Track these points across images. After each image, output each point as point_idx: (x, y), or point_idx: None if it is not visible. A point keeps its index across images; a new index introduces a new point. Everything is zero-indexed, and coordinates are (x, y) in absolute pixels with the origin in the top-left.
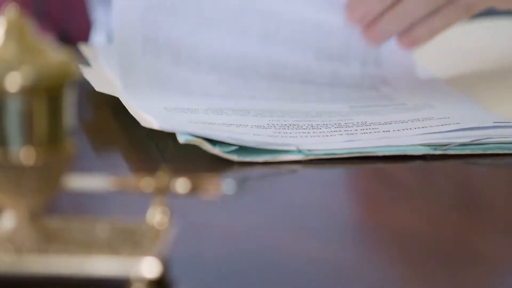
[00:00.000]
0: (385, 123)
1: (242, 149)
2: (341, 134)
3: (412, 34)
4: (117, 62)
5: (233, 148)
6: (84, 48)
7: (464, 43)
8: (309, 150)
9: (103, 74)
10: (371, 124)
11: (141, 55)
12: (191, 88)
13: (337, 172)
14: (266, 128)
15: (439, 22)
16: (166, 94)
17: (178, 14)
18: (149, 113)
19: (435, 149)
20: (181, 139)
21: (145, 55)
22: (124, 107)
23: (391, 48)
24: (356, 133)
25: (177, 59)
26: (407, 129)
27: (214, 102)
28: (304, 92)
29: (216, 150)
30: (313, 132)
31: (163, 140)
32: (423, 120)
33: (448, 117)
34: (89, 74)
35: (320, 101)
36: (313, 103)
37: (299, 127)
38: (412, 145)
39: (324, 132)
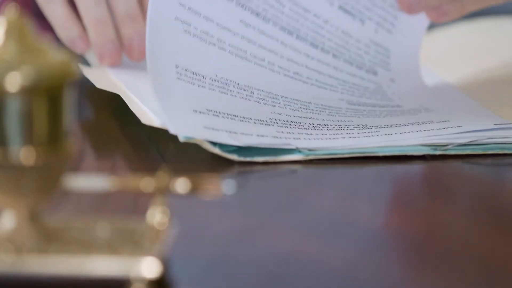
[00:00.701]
0: (386, 126)
1: (242, 148)
2: (344, 138)
3: (443, 8)
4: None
5: (233, 147)
6: None
7: (465, 43)
8: (309, 150)
9: (104, 72)
10: (372, 127)
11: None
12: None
13: (337, 172)
14: (270, 125)
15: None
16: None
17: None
18: (151, 110)
19: (435, 149)
20: (182, 138)
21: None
22: (124, 107)
23: (399, 50)
24: (359, 137)
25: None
26: (409, 132)
27: (219, 75)
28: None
29: (216, 150)
30: (316, 134)
31: (163, 140)
32: (423, 124)
33: (449, 121)
34: (89, 73)
35: (319, 86)
36: (314, 87)
37: (301, 126)
38: (412, 145)
39: (326, 134)
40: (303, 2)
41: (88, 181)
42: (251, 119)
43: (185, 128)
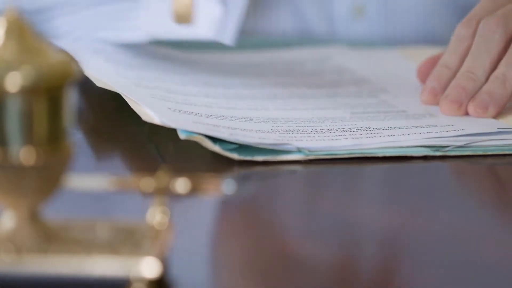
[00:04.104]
0: (389, 128)
1: (243, 147)
2: (346, 138)
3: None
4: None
5: (234, 146)
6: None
7: None
8: (309, 151)
9: (104, 72)
10: (375, 129)
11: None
12: (191, 100)
13: (337, 172)
14: (271, 132)
15: None
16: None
17: None
18: (151, 108)
19: (436, 151)
20: (182, 135)
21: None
22: (124, 107)
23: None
24: (361, 137)
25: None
26: (412, 134)
27: (217, 110)
28: (304, 103)
29: (216, 148)
30: (318, 136)
31: (163, 140)
32: (427, 127)
33: (452, 125)
34: (89, 72)
35: (321, 109)
36: (315, 111)
37: (304, 132)
38: (413, 146)
39: (329, 136)
40: None
41: (88, 181)
42: (252, 129)
43: (186, 124)
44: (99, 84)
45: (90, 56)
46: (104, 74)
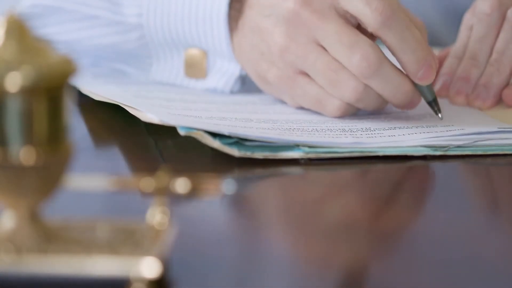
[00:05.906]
0: (390, 129)
1: (243, 144)
2: (347, 137)
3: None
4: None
5: (234, 139)
6: None
7: None
8: (309, 147)
9: (99, 88)
10: (376, 130)
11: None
12: (190, 107)
13: (337, 172)
14: (271, 129)
15: None
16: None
17: None
18: (151, 111)
19: (436, 150)
20: (181, 131)
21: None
22: (124, 108)
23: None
24: (362, 137)
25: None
26: (412, 134)
27: (216, 113)
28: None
29: (216, 143)
30: (319, 134)
31: (163, 140)
32: (427, 127)
33: (452, 125)
34: (85, 89)
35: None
36: (316, 115)
37: (304, 130)
38: (413, 146)
39: (329, 134)
40: None
41: (88, 181)
42: (252, 127)
43: (185, 121)
44: (97, 98)
45: (89, 79)
46: (102, 90)
